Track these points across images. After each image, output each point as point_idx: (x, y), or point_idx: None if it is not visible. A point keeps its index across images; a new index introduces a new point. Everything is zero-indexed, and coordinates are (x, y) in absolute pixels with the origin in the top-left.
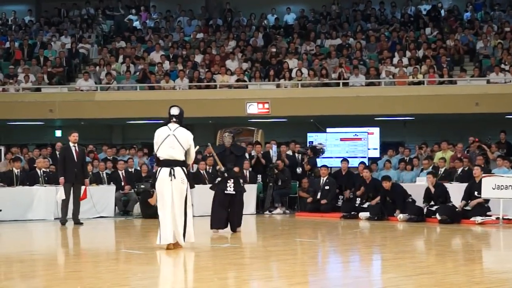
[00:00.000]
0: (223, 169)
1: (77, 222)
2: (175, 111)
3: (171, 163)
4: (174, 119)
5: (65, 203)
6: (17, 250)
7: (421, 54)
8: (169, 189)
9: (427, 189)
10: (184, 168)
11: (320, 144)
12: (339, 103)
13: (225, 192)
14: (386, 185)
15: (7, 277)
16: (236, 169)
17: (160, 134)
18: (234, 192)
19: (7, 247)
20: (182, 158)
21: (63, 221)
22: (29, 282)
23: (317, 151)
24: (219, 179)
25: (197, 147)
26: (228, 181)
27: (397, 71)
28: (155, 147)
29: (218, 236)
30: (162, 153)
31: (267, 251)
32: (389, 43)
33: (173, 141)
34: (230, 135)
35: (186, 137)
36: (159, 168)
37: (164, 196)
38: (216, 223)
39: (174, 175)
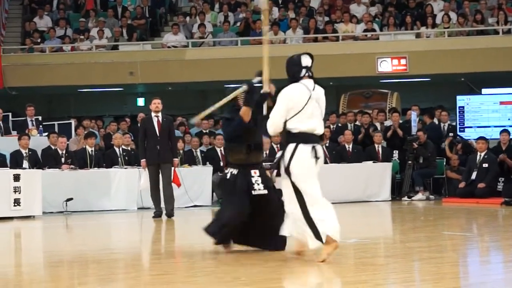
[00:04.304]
0: None
1: (171, 214)
2: (308, 61)
3: (312, 139)
4: (310, 73)
5: (155, 190)
6: (93, 248)
7: None
8: (316, 174)
9: None
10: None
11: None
12: (499, 56)
13: None
14: None
15: (81, 281)
16: None
17: (296, 96)
18: None
19: (80, 245)
20: (322, 130)
21: (158, 213)
22: (108, 287)
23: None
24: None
25: None
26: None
27: None
28: (286, 115)
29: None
30: (299, 124)
31: (406, 248)
32: None
33: (315, 108)
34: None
35: (323, 100)
36: (293, 145)
37: (315, 182)
38: None
39: (319, 156)
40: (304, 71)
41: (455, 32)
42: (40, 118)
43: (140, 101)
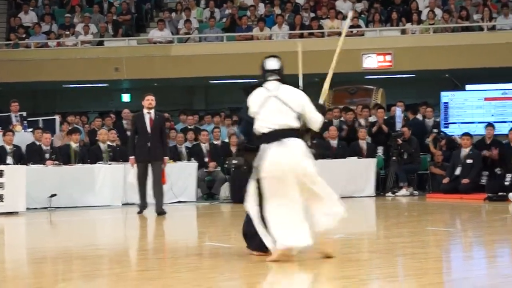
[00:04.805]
0: None
1: (161, 211)
2: (273, 64)
3: (282, 134)
4: (273, 77)
5: (142, 186)
6: (77, 244)
7: None
8: (290, 172)
9: None
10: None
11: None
12: (483, 53)
13: None
14: None
15: (66, 277)
16: None
17: (255, 99)
18: None
19: (64, 241)
20: (295, 124)
21: (142, 207)
22: (92, 284)
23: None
24: None
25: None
26: None
27: None
28: (253, 119)
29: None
30: (264, 122)
31: (390, 243)
32: None
33: (277, 104)
34: None
35: (295, 96)
36: (262, 146)
37: (281, 184)
38: None
39: (292, 150)
40: (267, 74)
41: (440, 28)
42: (24, 114)
43: (125, 97)
